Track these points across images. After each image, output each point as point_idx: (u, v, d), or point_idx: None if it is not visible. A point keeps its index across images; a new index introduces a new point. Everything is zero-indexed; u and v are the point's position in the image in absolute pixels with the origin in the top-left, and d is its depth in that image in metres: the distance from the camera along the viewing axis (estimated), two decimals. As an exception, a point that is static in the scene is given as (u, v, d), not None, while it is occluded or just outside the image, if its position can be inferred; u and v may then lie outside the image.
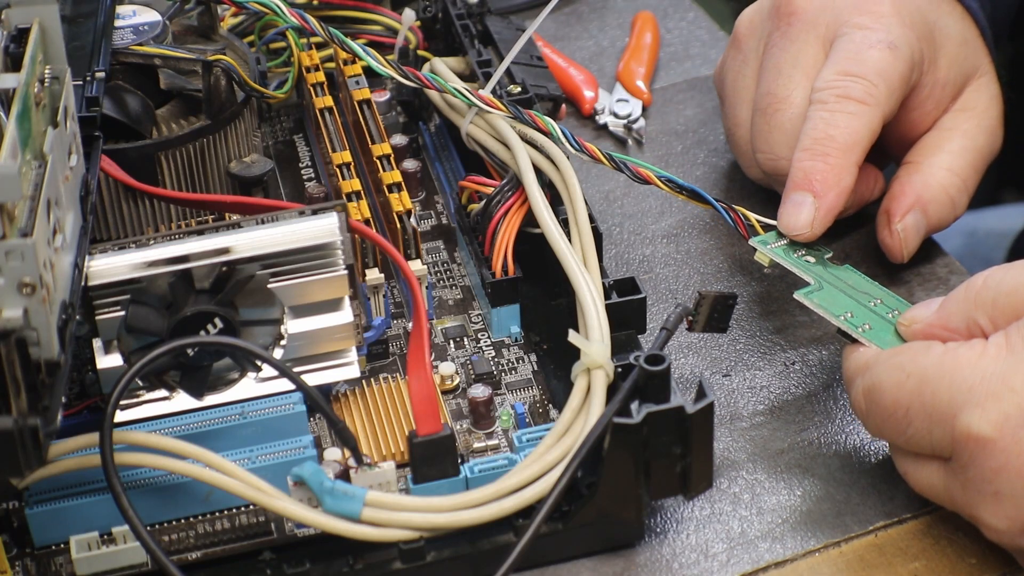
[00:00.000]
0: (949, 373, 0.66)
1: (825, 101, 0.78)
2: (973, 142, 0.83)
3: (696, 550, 0.70)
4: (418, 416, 0.67)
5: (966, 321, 0.69)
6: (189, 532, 0.68)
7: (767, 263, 0.77)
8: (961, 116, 0.83)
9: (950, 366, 0.66)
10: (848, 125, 0.77)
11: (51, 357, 0.61)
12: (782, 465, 0.73)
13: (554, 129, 0.77)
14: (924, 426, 0.66)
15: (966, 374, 0.65)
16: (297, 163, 0.89)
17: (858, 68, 0.78)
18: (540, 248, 0.76)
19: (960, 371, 0.65)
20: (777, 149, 0.80)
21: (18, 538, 0.68)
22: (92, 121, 0.72)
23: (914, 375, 0.67)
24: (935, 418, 0.66)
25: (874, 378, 0.68)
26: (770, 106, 0.81)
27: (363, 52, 0.79)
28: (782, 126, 0.80)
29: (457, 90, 0.80)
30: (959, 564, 0.69)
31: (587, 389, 0.69)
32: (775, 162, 0.80)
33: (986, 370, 0.65)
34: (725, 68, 0.87)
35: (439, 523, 0.66)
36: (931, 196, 0.81)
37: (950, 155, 0.82)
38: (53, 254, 0.62)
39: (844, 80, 0.78)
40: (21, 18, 0.68)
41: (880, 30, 0.79)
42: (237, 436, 0.68)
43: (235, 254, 0.69)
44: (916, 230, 0.81)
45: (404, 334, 0.79)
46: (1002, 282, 0.68)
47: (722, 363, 0.79)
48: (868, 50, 0.79)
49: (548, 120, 0.78)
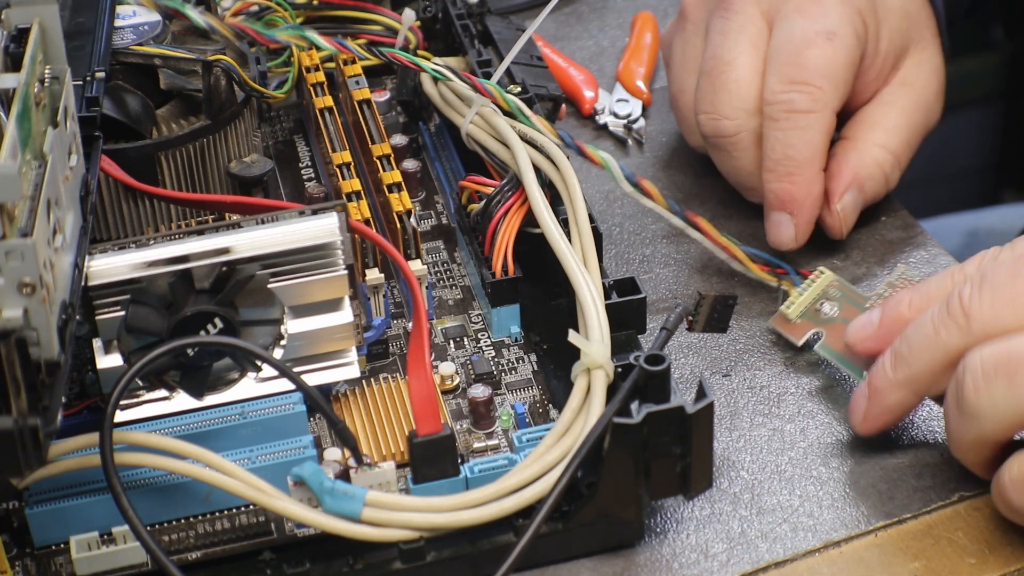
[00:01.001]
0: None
1: (776, 119, 0.81)
2: (909, 119, 0.86)
3: (696, 550, 0.70)
4: (418, 416, 0.67)
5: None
6: (189, 532, 0.68)
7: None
8: (900, 91, 0.86)
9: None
10: (802, 140, 0.81)
11: (51, 357, 0.61)
12: (782, 465, 0.73)
13: (607, 162, 0.78)
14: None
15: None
16: (297, 163, 0.89)
17: (799, 74, 0.81)
18: (540, 248, 0.76)
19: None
20: (720, 109, 0.83)
21: (18, 538, 0.68)
22: (92, 121, 0.72)
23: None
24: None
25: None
26: (715, 68, 0.83)
27: (443, 72, 0.81)
28: (726, 86, 0.82)
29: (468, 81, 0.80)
30: (959, 564, 0.69)
31: (587, 389, 0.69)
32: (717, 122, 0.83)
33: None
34: (672, 38, 0.89)
35: (439, 523, 0.66)
36: (867, 174, 0.84)
37: (885, 132, 0.85)
38: (53, 254, 0.62)
39: (789, 92, 0.81)
40: (21, 18, 0.68)
41: (818, 16, 0.82)
42: (237, 436, 0.68)
43: (235, 254, 0.69)
44: (854, 207, 0.84)
45: (404, 334, 0.79)
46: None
47: (722, 363, 0.79)
48: (807, 49, 0.81)
49: (603, 155, 0.78)
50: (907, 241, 0.86)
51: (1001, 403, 0.66)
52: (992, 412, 0.67)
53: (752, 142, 0.83)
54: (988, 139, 1.59)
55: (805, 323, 0.79)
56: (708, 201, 0.89)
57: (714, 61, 0.83)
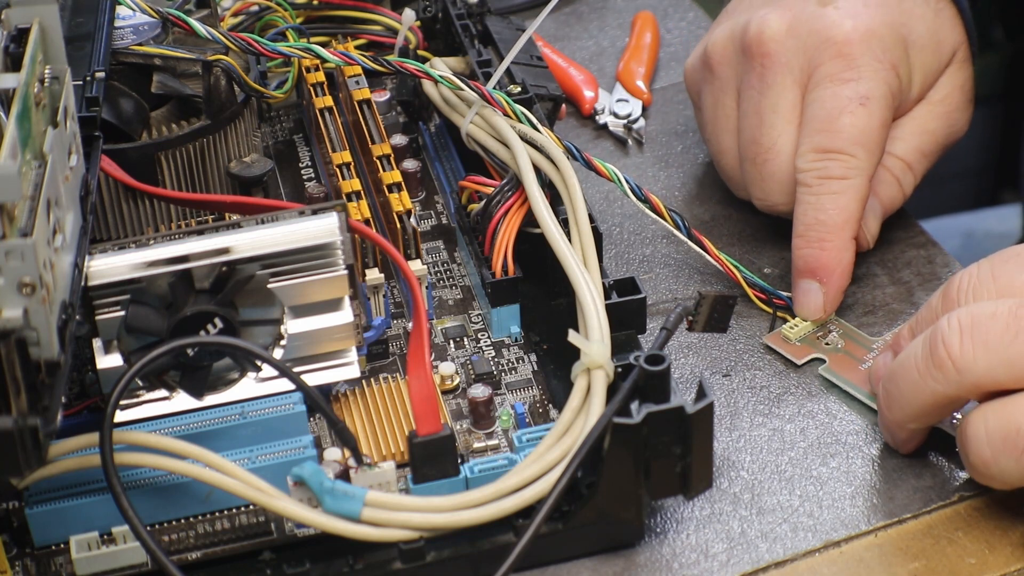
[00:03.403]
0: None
1: (809, 185, 0.80)
2: (923, 126, 0.85)
3: (696, 550, 0.70)
4: (418, 416, 0.67)
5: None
6: (189, 532, 0.68)
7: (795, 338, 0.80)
8: (925, 106, 0.85)
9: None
10: (835, 205, 0.79)
11: (51, 357, 0.61)
12: (782, 465, 0.73)
13: (616, 176, 0.78)
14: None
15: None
16: (297, 163, 0.89)
17: (833, 142, 0.79)
18: (540, 248, 0.76)
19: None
20: (773, 197, 0.83)
21: (18, 538, 0.68)
22: (92, 121, 0.72)
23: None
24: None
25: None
26: (758, 156, 0.82)
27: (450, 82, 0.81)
28: (774, 176, 0.82)
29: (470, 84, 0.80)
30: (959, 564, 0.69)
31: (587, 389, 0.69)
32: (773, 207, 0.83)
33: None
34: (701, 90, 0.87)
35: (439, 523, 0.66)
36: (878, 177, 0.83)
37: (899, 141, 0.84)
38: (53, 254, 0.62)
39: (823, 160, 0.80)
40: (21, 18, 0.68)
41: (851, 80, 0.80)
42: (237, 436, 0.68)
43: (235, 254, 0.69)
44: (875, 218, 0.83)
45: (404, 334, 0.79)
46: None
47: (722, 363, 0.79)
48: (840, 116, 0.80)
49: (611, 168, 0.78)
50: (907, 241, 0.86)
51: (1011, 472, 0.67)
52: (1003, 479, 0.68)
53: None
54: (988, 139, 1.59)
55: (805, 347, 0.79)
56: (708, 201, 0.89)
57: (755, 148, 0.82)
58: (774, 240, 0.86)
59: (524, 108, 0.79)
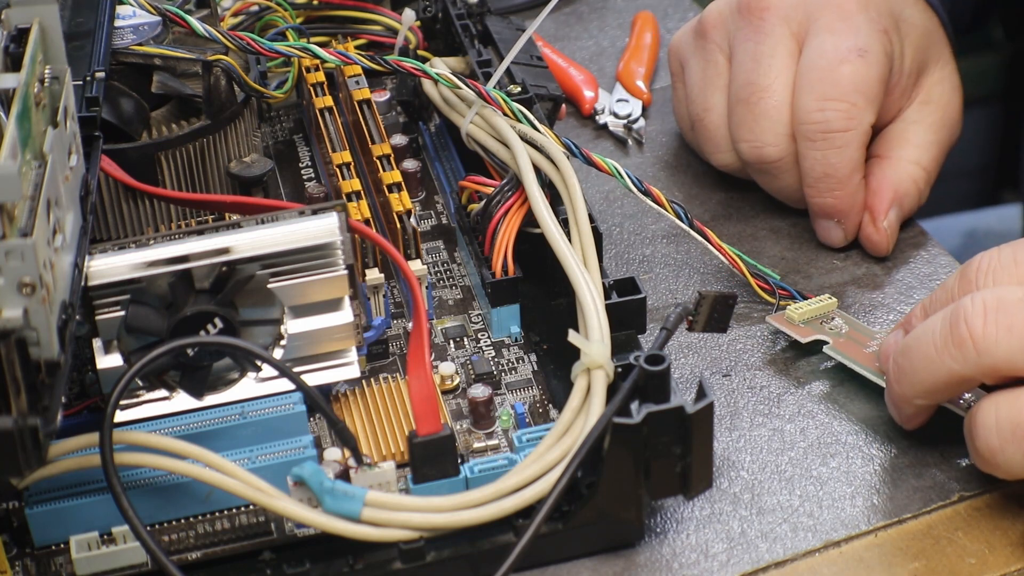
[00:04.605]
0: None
1: (813, 139, 0.81)
2: (937, 135, 0.86)
3: (696, 550, 0.70)
4: (418, 416, 0.67)
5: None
6: (189, 532, 0.68)
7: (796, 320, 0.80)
8: (925, 109, 0.86)
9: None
10: (840, 158, 0.81)
11: (51, 357, 0.61)
12: (782, 465, 0.73)
13: (616, 170, 0.78)
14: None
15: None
16: (297, 163, 0.89)
17: (833, 90, 0.81)
18: (540, 248, 0.76)
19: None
20: (762, 136, 0.83)
21: (18, 538, 0.68)
22: (92, 121, 0.72)
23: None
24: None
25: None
26: (752, 95, 0.83)
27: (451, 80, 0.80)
28: (766, 113, 0.82)
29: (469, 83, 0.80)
30: (959, 564, 0.69)
31: (587, 389, 0.69)
32: (760, 149, 0.83)
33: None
34: (686, 54, 0.88)
35: (439, 523, 0.66)
36: (905, 190, 0.84)
37: (917, 149, 0.85)
38: (53, 254, 0.62)
39: (824, 110, 0.81)
40: (21, 18, 0.68)
41: (849, 33, 0.82)
42: (237, 436, 0.68)
43: (235, 254, 0.69)
44: (897, 224, 0.84)
45: (404, 334, 0.79)
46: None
47: (722, 363, 0.79)
48: (840, 66, 0.81)
49: (611, 163, 0.78)
50: (907, 241, 0.86)
51: (1016, 462, 0.67)
52: (1008, 469, 0.68)
53: (796, 163, 0.83)
54: (988, 139, 1.59)
55: (809, 329, 0.79)
56: (708, 201, 0.89)
57: (750, 88, 0.83)
58: (774, 240, 0.86)
59: (524, 108, 0.79)
